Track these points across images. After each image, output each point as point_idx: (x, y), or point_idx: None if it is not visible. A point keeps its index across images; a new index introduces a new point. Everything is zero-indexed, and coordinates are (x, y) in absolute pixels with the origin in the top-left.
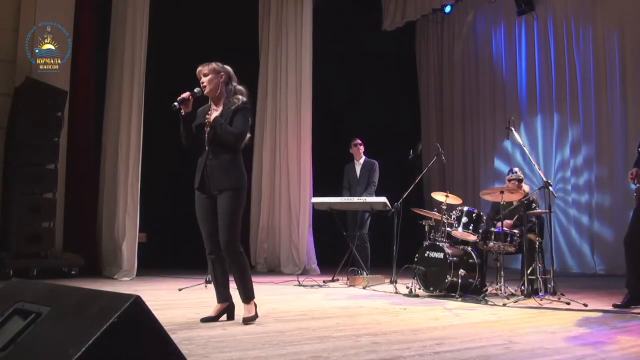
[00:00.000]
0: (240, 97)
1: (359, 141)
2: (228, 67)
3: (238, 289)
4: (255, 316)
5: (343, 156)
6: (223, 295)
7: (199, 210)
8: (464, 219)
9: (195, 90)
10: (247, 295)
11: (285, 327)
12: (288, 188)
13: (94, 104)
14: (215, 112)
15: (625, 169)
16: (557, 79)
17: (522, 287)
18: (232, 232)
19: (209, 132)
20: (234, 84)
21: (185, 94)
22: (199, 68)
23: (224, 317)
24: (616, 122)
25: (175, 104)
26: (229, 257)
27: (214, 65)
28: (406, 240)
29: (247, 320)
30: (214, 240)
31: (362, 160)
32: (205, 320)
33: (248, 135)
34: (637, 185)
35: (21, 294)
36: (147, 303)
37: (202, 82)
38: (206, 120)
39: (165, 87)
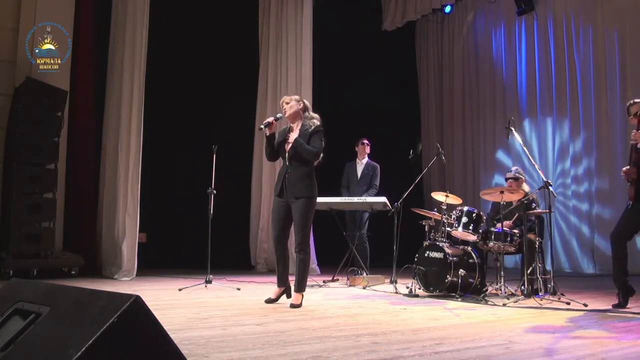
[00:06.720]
0: (315, 121)
1: (367, 141)
2: (307, 101)
3: (296, 280)
4: (300, 305)
5: (343, 156)
6: (283, 281)
7: (275, 213)
8: (464, 219)
9: (278, 115)
10: (302, 287)
11: (285, 327)
12: None
13: (94, 104)
14: (294, 134)
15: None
16: (557, 79)
17: (522, 287)
18: (305, 233)
19: (289, 150)
20: (310, 112)
21: (270, 119)
22: (283, 98)
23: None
24: (616, 122)
25: (262, 126)
26: (299, 253)
27: (297, 96)
28: (406, 240)
29: (294, 306)
30: (281, 239)
31: (364, 161)
32: (269, 301)
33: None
34: (629, 181)
35: (21, 294)
36: (147, 303)
37: (284, 108)
38: (287, 140)
39: (165, 87)
